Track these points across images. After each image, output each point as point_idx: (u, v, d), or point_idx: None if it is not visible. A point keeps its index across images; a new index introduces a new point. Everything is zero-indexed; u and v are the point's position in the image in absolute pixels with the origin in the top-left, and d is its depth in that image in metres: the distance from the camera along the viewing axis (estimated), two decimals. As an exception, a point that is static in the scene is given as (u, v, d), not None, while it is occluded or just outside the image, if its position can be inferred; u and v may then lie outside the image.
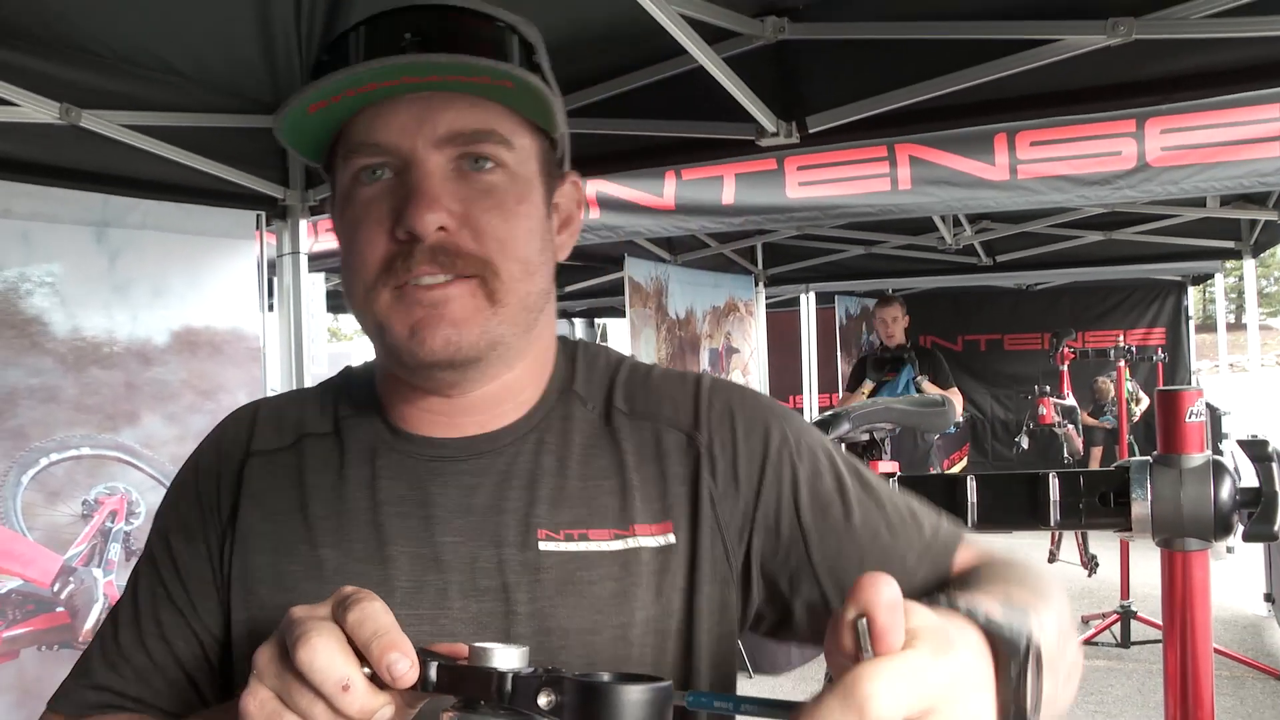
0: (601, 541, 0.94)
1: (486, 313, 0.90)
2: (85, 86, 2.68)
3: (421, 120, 0.89)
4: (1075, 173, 3.81)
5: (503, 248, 0.90)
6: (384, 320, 0.90)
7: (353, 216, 0.92)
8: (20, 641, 2.67)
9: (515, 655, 0.64)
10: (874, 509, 1.00)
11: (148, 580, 1.03)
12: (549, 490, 0.95)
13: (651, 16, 2.11)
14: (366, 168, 0.91)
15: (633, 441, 0.99)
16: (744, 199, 4.25)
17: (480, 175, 0.91)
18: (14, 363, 2.66)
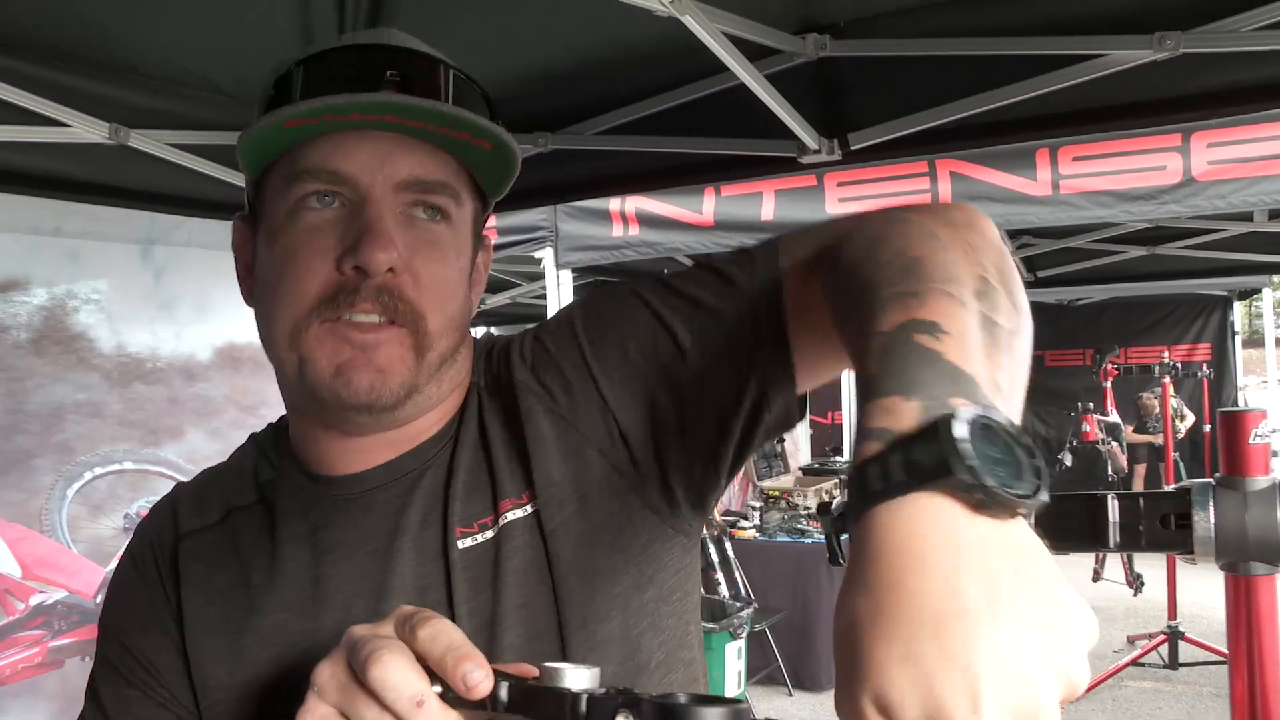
0: (506, 514, 0.93)
1: (410, 363, 0.90)
2: (133, 106, 2.72)
3: (385, 160, 0.89)
4: (1119, 188, 3.76)
5: (435, 300, 0.91)
6: (308, 354, 0.89)
7: (291, 242, 0.90)
8: (65, 651, 2.71)
9: (587, 676, 0.64)
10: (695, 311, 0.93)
11: (112, 686, 1.00)
12: (460, 487, 0.94)
13: (691, 35, 2.10)
14: (317, 193, 0.89)
15: (497, 414, 0.98)
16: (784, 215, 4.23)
17: (429, 225, 0.92)
18: (61, 378, 2.70)
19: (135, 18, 2.52)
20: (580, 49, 2.50)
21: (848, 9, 2.42)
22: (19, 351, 2.61)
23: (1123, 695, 5.82)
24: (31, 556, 2.62)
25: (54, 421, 2.68)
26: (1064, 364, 11.34)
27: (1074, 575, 8.05)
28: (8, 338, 2.58)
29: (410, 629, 0.68)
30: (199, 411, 3.05)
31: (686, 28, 2.07)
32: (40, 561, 2.63)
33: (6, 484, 2.57)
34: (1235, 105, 2.32)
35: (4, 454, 2.57)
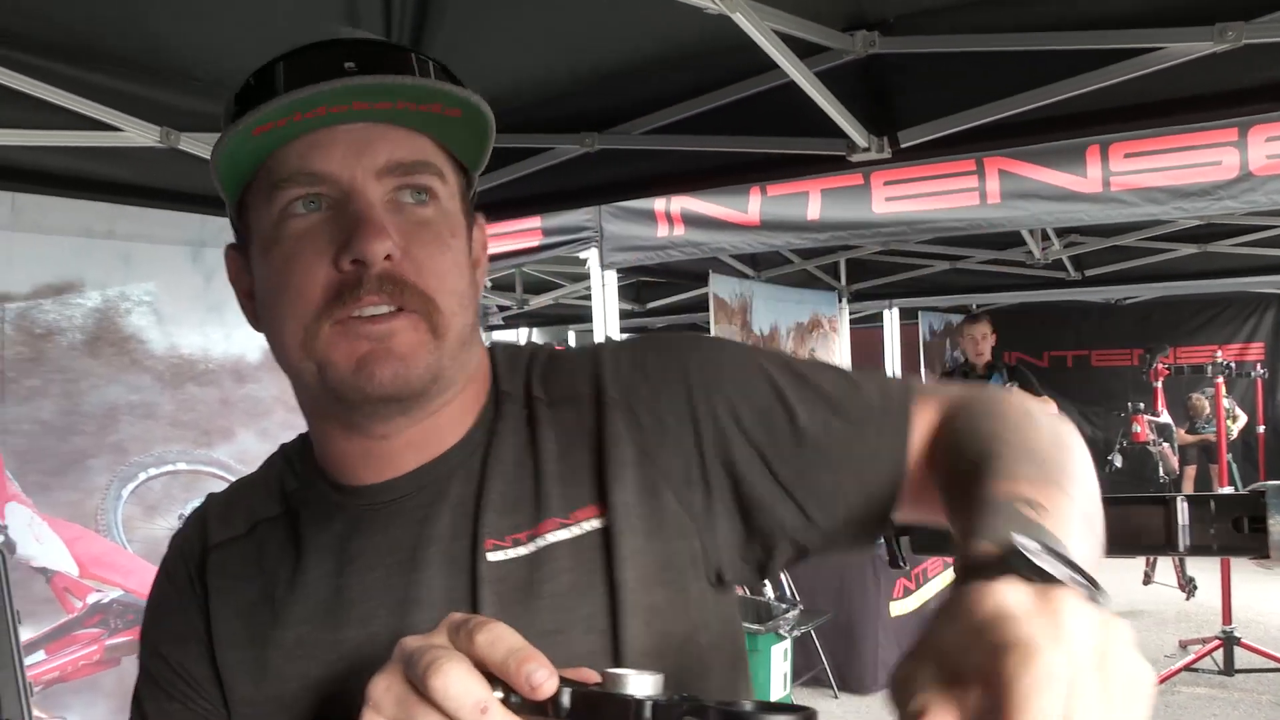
0: (550, 534, 0.90)
1: (430, 345, 0.88)
2: (183, 110, 2.74)
3: (361, 150, 0.88)
4: (1172, 184, 3.70)
5: (441, 282, 0.89)
6: (326, 357, 0.87)
7: (284, 252, 0.88)
8: (121, 650, 2.75)
9: (650, 681, 0.63)
10: (816, 401, 0.94)
11: (155, 701, 1.01)
12: (495, 498, 0.92)
13: (739, 33, 2.09)
14: (301, 198, 0.88)
15: (556, 428, 0.95)
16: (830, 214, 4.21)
17: (416, 208, 0.90)
18: (115, 379, 2.73)
19: (185, 22, 2.55)
20: (627, 48, 2.49)
21: (897, 5, 2.39)
22: (74, 353, 2.64)
23: (1175, 701, 5.72)
24: (88, 555, 2.65)
25: (109, 422, 2.71)
26: (1111, 364, 11.22)
27: (1124, 578, 7.94)
28: (63, 339, 2.61)
29: (466, 635, 0.67)
30: (249, 412, 3.08)
31: (735, 25, 2.05)
32: (96, 560, 2.67)
33: (64, 484, 2.61)
34: (1296, 97, 2.27)
35: (61, 454, 2.60)
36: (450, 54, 2.89)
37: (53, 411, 2.60)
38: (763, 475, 0.93)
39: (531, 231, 4.61)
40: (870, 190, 4.15)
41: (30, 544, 2.54)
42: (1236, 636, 6.00)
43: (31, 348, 2.56)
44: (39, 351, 2.57)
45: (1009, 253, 6.68)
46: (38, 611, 2.57)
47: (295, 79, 0.86)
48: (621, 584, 0.89)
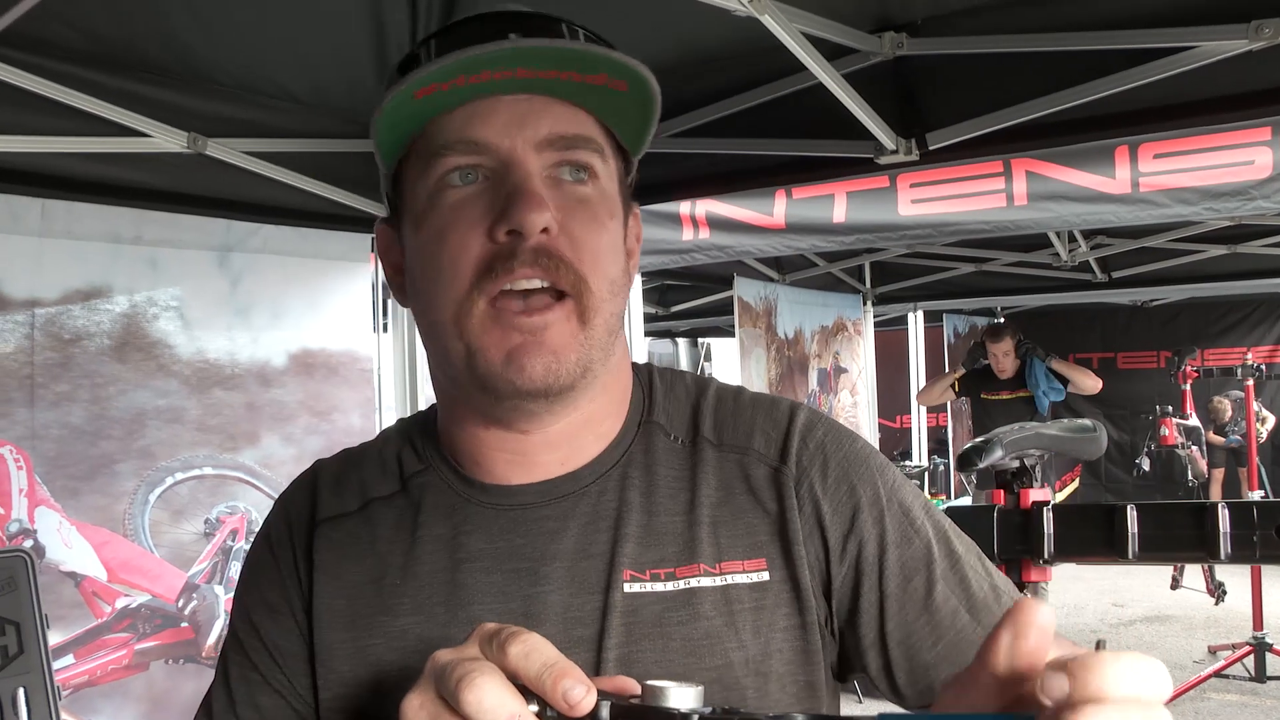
0: (692, 579, 0.90)
1: (580, 337, 0.87)
2: (210, 115, 2.76)
3: (523, 121, 0.86)
4: (1203, 184, 3.66)
5: (595, 262, 0.87)
6: (477, 344, 0.85)
7: (439, 223, 0.87)
8: (150, 655, 2.75)
9: (692, 695, 0.62)
10: (957, 586, 0.94)
11: (239, 667, 0.99)
12: (635, 529, 0.91)
13: (767, 35, 2.08)
14: (459, 169, 0.86)
15: (720, 475, 0.94)
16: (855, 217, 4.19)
17: (575, 185, 0.88)
18: (142, 384, 2.74)
19: (212, 29, 2.56)
20: (654, 50, 2.48)
21: (924, 7, 2.38)
22: (102, 358, 2.65)
23: (1205, 708, 5.66)
24: (116, 560, 2.66)
25: (136, 427, 2.72)
26: (1137, 366, 11.13)
27: (1150, 583, 7.87)
28: (91, 345, 2.63)
29: (499, 647, 0.65)
30: (275, 417, 3.08)
31: (763, 27, 2.04)
32: (124, 565, 2.68)
33: (92, 488, 2.62)
34: (1331, 96, 2.24)
35: (89, 459, 2.62)
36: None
37: (81, 416, 2.61)
38: (873, 615, 0.92)
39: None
40: (896, 192, 4.12)
41: (59, 548, 2.55)
42: (1269, 643, 5.93)
43: (60, 353, 2.57)
44: (68, 357, 2.59)
45: (1035, 255, 6.63)
46: (67, 616, 2.58)
47: (460, 43, 0.83)
48: (755, 646, 0.89)
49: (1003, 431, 1.89)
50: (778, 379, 6.41)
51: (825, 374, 7.16)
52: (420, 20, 2.75)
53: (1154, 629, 7.34)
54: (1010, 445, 1.85)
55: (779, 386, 6.42)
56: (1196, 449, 7.05)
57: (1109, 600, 8.12)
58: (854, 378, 7.65)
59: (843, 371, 7.46)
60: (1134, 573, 8.56)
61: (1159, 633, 7.22)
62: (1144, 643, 6.96)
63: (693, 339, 14.93)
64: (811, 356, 6.95)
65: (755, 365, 6.16)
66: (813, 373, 6.95)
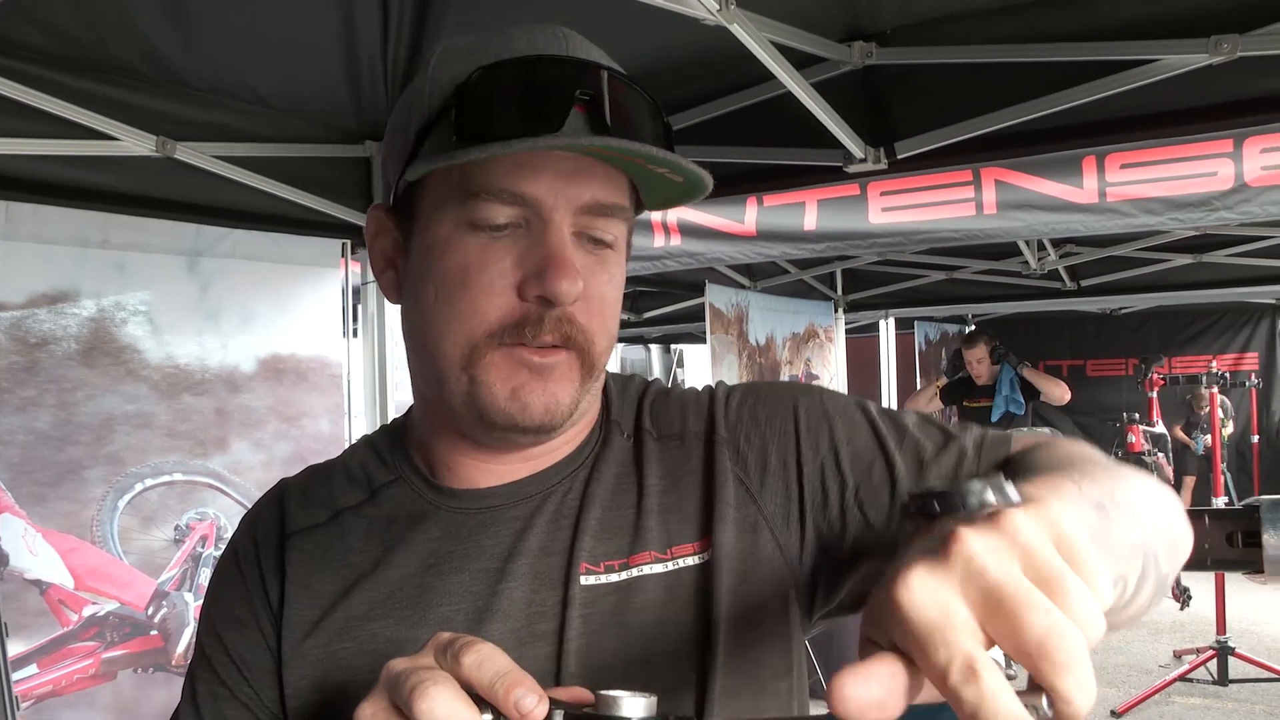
0: (644, 566, 0.92)
1: (578, 385, 0.90)
2: (179, 119, 2.75)
3: (569, 181, 0.85)
4: (1168, 194, 3.69)
5: (604, 323, 0.90)
6: (483, 377, 0.87)
7: (462, 262, 0.86)
8: (118, 663, 2.72)
9: (644, 704, 0.62)
10: (914, 455, 0.95)
11: (206, 683, 1.00)
12: (592, 523, 0.93)
13: (737, 44, 2.09)
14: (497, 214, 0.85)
15: (662, 463, 0.97)
16: (826, 225, 4.20)
17: (599, 248, 0.89)
18: (111, 390, 2.72)
19: (182, 33, 2.55)
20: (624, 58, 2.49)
21: (894, 16, 2.40)
22: (69, 363, 2.63)
23: (1170, 711, 5.72)
24: (84, 567, 2.63)
25: (104, 433, 2.69)
26: (1107, 374, 11.22)
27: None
28: (58, 349, 2.60)
29: (453, 656, 0.66)
30: (243, 423, 3.06)
31: (733, 36, 2.05)
32: (92, 572, 2.64)
33: (59, 495, 2.59)
34: (1290, 110, 2.28)
35: (56, 465, 2.59)
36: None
37: (48, 422, 2.58)
38: (855, 516, 0.93)
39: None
40: (867, 201, 4.14)
41: (24, 556, 2.52)
42: (1231, 646, 6.00)
43: (26, 357, 2.54)
44: (34, 361, 2.56)
45: (1005, 263, 6.69)
46: (32, 625, 2.54)
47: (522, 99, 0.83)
48: (713, 622, 0.90)
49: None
50: (749, 386, 6.43)
51: (797, 380, 7.19)
52: (392, 25, 2.75)
53: (1120, 634, 7.41)
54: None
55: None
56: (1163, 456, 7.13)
57: (1077, 606, 8.19)
58: (825, 384, 7.68)
59: (814, 378, 7.49)
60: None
61: (1125, 638, 7.29)
62: (1111, 648, 7.02)
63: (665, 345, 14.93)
64: (783, 363, 6.98)
65: (727, 371, 6.18)
66: (784, 379, 6.98)
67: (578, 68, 0.86)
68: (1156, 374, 7.16)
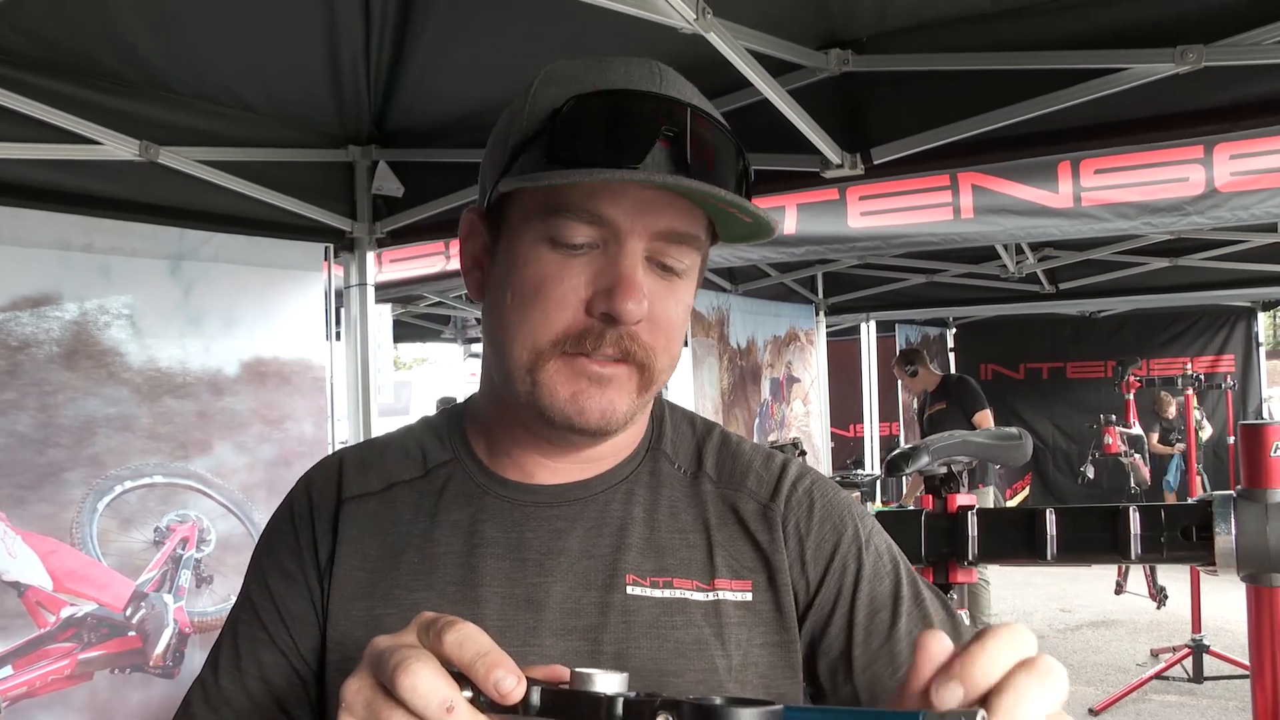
0: (686, 591, 0.99)
1: (635, 395, 0.95)
2: (162, 123, 2.76)
3: (646, 209, 0.91)
4: (1141, 199, 3.75)
5: (667, 344, 0.96)
6: (545, 381, 0.93)
7: (539, 275, 0.92)
8: (94, 664, 2.72)
9: (617, 680, 0.64)
10: (920, 621, 1.03)
11: (247, 625, 1.06)
12: (638, 539, 1.01)
13: (714, 52, 2.12)
14: (576, 232, 0.91)
15: (717, 505, 1.04)
16: (806, 229, 4.24)
17: (669, 274, 0.95)
18: (93, 392, 2.72)
19: (165, 37, 2.56)
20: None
21: (869, 24, 2.43)
22: (51, 366, 2.64)
23: (1146, 709, 5.78)
24: (63, 569, 2.64)
25: (85, 435, 2.70)
26: (1085, 376, 11.31)
27: (1096, 588, 8.00)
28: (39, 352, 2.61)
29: (435, 635, 0.69)
30: (226, 425, 3.08)
31: (709, 44, 2.08)
32: (71, 574, 2.65)
33: (39, 497, 2.60)
34: (1257, 117, 2.32)
35: (36, 467, 2.59)
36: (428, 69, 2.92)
37: (29, 425, 2.58)
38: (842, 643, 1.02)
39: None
40: (846, 205, 4.18)
41: (2, 558, 2.53)
42: (1206, 644, 6.07)
43: (8, 360, 2.55)
44: (15, 364, 2.56)
45: (984, 266, 6.75)
46: (9, 626, 2.55)
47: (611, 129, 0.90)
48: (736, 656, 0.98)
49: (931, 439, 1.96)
50: (730, 388, 6.47)
51: (778, 383, 7.22)
52: (374, 30, 2.78)
53: (1099, 633, 7.47)
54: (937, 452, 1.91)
55: (731, 396, 6.47)
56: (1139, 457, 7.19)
57: (1057, 606, 8.25)
58: (806, 387, 7.72)
59: (795, 381, 7.53)
60: (1080, 578, 8.70)
61: (1104, 637, 7.35)
62: (1089, 647, 7.09)
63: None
64: (764, 366, 7.01)
65: (708, 375, 6.21)
66: (765, 382, 7.02)
67: (665, 105, 0.91)
68: (1134, 376, 7.23)
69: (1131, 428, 7.27)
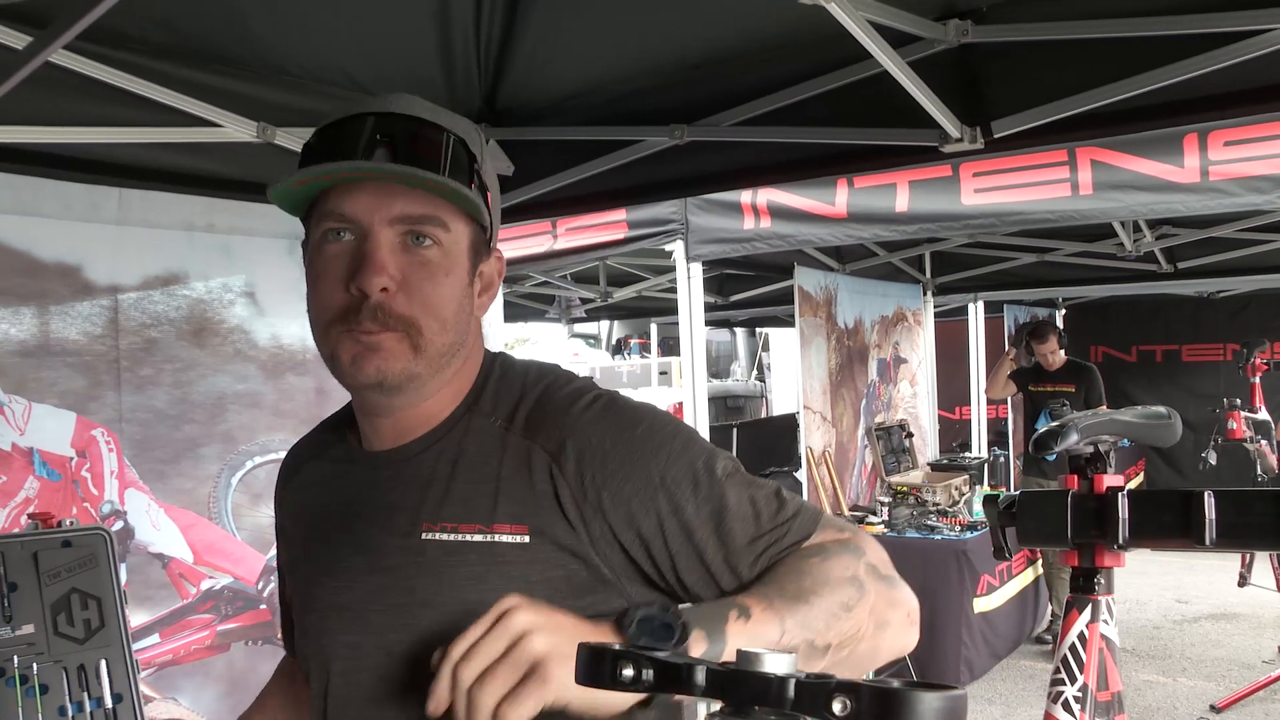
0: (467, 534, 1.16)
1: (408, 357, 1.15)
2: (278, 105, 2.81)
3: (380, 201, 1.13)
4: (1275, 172, 3.59)
5: (426, 309, 1.15)
6: (334, 352, 1.15)
7: (319, 267, 1.16)
8: (231, 636, 2.83)
9: (787, 661, 0.64)
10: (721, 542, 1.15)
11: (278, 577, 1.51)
12: (437, 491, 1.20)
13: (832, 23, 2.07)
14: (333, 229, 1.15)
15: (514, 454, 1.19)
16: (918, 206, 4.16)
17: (420, 250, 1.16)
18: (221, 369, 2.82)
19: (280, 21, 2.60)
20: (716, 38, 2.49)
21: (990, -7, 2.36)
22: (182, 343, 2.72)
23: (1277, 710, 5.56)
24: (202, 543, 2.76)
25: (217, 411, 2.80)
26: (1202, 359, 10.94)
27: (1217, 579, 7.73)
28: (171, 330, 2.70)
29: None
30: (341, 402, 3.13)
31: (828, 15, 2.04)
32: (209, 548, 2.78)
33: (177, 471, 2.70)
34: None
35: (174, 443, 2.69)
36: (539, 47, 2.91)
37: (165, 400, 2.68)
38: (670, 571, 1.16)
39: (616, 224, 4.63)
40: (959, 182, 4.09)
41: (148, 530, 2.63)
42: (1339, 642, 5.82)
43: (142, 337, 2.64)
44: (150, 341, 2.66)
45: (1099, 245, 6.54)
46: (154, 596, 2.67)
47: (340, 145, 1.13)
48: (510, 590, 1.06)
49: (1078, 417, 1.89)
50: (837, 368, 6.39)
51: (885, 364, 7.12)
52: (484, 8, 2.79)
53: (1219, 627, 7.22)
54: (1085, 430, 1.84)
55: (839, 376, 6.40)
56: (1266, 443, 6.90)
57: (1172, 596, 8.00)
58: (913, 368, 7.60)
59: (902, 362, 7.42)
60: (1199, 569, 8.42)
61: (1225, 631, 7.10)
62: (1209, 640, 6.86)
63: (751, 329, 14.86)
64: (871, 346, 6.92)
65: (815, 355, 6.15)
66: (872, 363, 6.92)
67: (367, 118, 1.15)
68: (1259, 359, 6.95)
69: (1258, 413, 6.98)
